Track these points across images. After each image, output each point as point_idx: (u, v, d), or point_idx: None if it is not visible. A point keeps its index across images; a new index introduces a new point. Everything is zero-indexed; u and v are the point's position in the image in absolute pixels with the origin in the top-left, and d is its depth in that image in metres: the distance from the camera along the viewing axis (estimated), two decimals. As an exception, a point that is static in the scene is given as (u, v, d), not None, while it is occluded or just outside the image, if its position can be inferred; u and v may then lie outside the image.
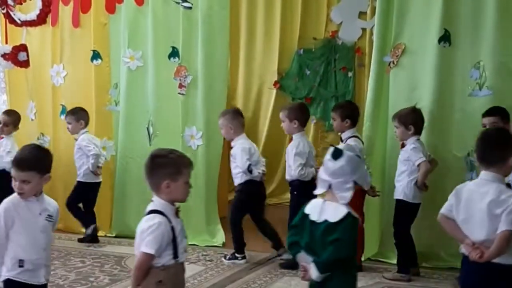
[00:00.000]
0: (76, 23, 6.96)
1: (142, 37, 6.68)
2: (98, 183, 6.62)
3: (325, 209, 3.14)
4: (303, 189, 5.31)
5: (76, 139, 6.56)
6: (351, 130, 5.59)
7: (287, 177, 5.73)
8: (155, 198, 3.20)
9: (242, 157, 5.71)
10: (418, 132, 5.26)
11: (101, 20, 6.88)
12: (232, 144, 5.87)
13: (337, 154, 3.15)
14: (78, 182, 6.58)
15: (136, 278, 3.15)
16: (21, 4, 7.24)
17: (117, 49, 6.81)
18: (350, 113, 5.61)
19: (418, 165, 5.15)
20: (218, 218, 6.63)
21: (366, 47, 8.18)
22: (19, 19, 7.21)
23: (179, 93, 6.51)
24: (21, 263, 3.34)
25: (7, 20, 7.30)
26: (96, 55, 6.87)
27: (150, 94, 6.66)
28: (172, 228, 3.13)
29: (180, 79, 6.51)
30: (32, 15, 7.13)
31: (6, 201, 3.38)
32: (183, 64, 6.50)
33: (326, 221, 3.11)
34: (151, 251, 3.08)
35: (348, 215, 3.08)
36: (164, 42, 6.59)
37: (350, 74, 8.43)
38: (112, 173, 6.78)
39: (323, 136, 8.69)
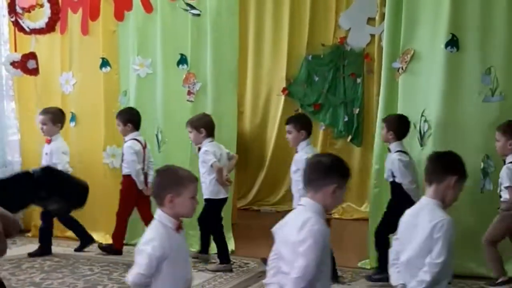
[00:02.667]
0: (85, 30, 6.97)
1: (151, 44, 6.68)
2: None
3: None
4: None
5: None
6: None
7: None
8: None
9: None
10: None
11: (110, 27, 6.90)
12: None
13: None
14: None
15: None
16: (30, 12, 7.25)
17: (126, 57, 6.83)
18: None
19: None
20: (230, 226, 6.60)
21: (375, 53, 8.15)
22: (28, 27, 7.22)
23: (188, 100, 6.50)
24: None
25: (16, 28, 7.30)
26: (105, 63, 6.89)
27: (159, 102, 6.66)
28: None
29: (189, 86, 6.51)
30: (41, 23, 7.15)
31: None
32: (191, 71, 6.50)
33: None
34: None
35: None
36: (172, 49, 6.60)
37: (358, 80, 8.39)
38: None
39: (332, 143, 8.66)
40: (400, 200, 5.26)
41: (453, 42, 5.45)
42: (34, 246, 6.62)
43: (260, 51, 8.93)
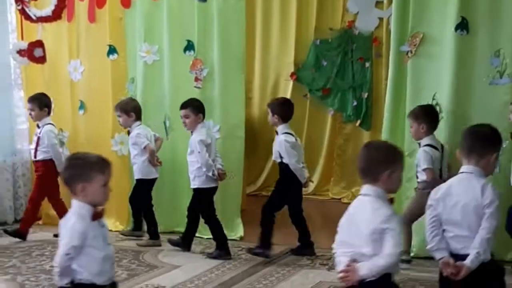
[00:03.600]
0: (91, 18, 6.95)
1: (158, 31, 6.65)
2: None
3: None
4: None
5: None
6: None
7: None
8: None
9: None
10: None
11: (117, 14, 6.87)
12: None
13: None
14: None
15: None
16: (36, 0, 7.23)
17: (133, 44, 6.80)
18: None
19: None
20: (239, 212, 6.60)
21: (384, 37, 8.09)
22: (34, 15, 7.21)
23: (195, 87, 6.48)
24: None
25: (23, 17, 7.30)
26: (112, 50, 6.87)
27: (167, 88, 6.64)
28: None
29: (196, 73, 6.48)
30: (47, 11, 7.13)
31: None
32: (198, 57, 6.47)
33: None
34: None
35: None
36: (179, 36, 6.57)
37: (367, 64, 8.34)
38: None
39: (341, 128, 8.63)
40: (287, 179, 5.69)
41: (463, 25, 5.40)
42: (45, 234, 6.66)
43: (268, 36, 8.89)
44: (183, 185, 6.57)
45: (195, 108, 5.87)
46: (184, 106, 5.90)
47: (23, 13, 7.27)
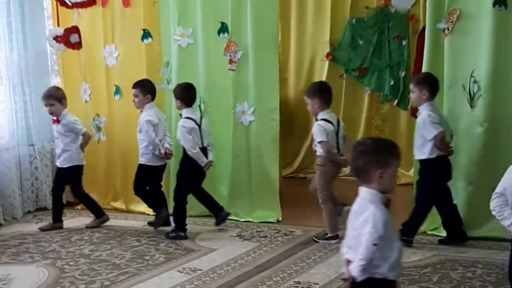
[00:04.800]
0: (126, 2, 6.95)
1: (191, 14, 6.63)
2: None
3: None
4: None
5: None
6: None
7: None
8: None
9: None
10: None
11: (151, -2, 6.87)
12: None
13: None
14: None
15: None
16: (71, -14, 7.27)
17: (167, 27, 6.79)
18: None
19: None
20: (277, 195, 6.57)
21: (420, 14, 7.94)
22: (70, 1, 7.24)
23: (229, 69, 6.45)
24: None
25: (58, 3, 7.34)
26: (146, 34, 6.87)
27: (201, 71, 6.63)
28: None
29: (230, 55, 6.45)
30: (83, -4, 7.17)
31: None
32: (232, 40, 6.44)
33: None
34: None
35: None
36: (213, 18, 6.54)
37: (404, 42, 8.18)
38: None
39: (378, 108, 8.52)
40: (189, 163, 5.90)
41: (501, 0, 5.25)
42: (84, 219, 6.74)
43: (303, 16, 8.79)
44: (219, 168, 6.55)
45: (144, 89, 6.17)
46: (134, 85, 6.23)
47: (59, -1, 7.32)
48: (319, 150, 5.58)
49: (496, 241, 5.31)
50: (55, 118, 6.58)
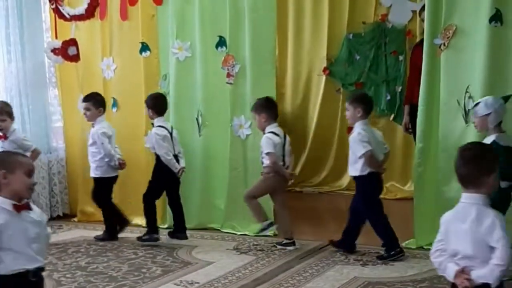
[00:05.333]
0: (124, 15, 6.99)
1: (190, 27, 6.66)
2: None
3: None
4: None
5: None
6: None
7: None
8: None
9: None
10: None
11: (149, 12, 6.89)
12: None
13: None
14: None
15: None
16: (70, -2, 7.32)
17: (165, 41, 6.82)
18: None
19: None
20: (272, 210, 6.56)
21: (417, 30, 8.00)
22: (68, 14, 7.27)
23: (227, 83, 6.48)
24: None
25: (57, 15, 7.37)
26: (144, 47, 6.90)
27: (199, 84, 6.65)
28: None
29: (228, 68, 6.48)
30: (81, 9, 7.19)
31: None
32: (230, 53, 6.46)
33: None
34: None
35: None
36: (211, 32, 6.57)
37: (401, 57, 8.23)
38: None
39: (374, 122, 8.53)
40: (162, 171, 6.15)
41: (497, 17, 5.30)
42: (80, 231, 6.73)
43: (300, 31, 8.84)
44: (216, 181, 6.59)
45: (96, 102, 6.38)
46: (86, 99, 6.46)
47: (57, 12, 7.35)
48: (265, 162, 5.84)
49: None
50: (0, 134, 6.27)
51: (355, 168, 5.50)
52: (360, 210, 5.60)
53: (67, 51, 7.24)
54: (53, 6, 7.35)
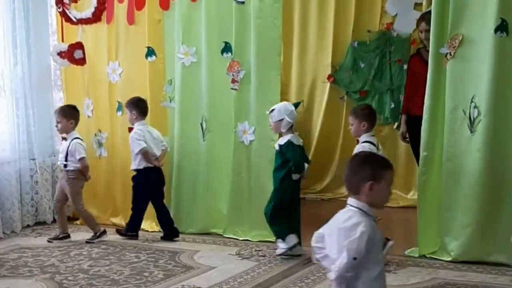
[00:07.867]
0: (130, 20, 7.02)
1: (196, 33, 6.69)
2: None
3: None
4: None
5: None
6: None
7: None
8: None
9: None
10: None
11: (155, 16, 6.92)
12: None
13: None
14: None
15: None
16: (77, 2, 7.34)
17: (171, 46, 6.84)
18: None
19: None
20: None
21: (417, 38, 8.00)
22: (75, 17, 7.31)
23: (232, 88, 6.50)
24: None
25: (63, 19, 7.41)
26: (150, 52, 6.92)
27: (204, 90, 6.66)
28: None
29: (233, 74, 6.49)
30: (87, 13, 7.23)
31: None
32: (235, 59, 6.48)
33: None
34: None
35: None
36: (217, 38, 6.59)
37: (405, 66, 8.20)
38: (167, 169, 6.81)
39: (378, 130, 8.53)
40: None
41: (503, 27, 5.31)
42: (82, 234, 6.73)
43: (305, 38, 8.86)
44: (219, 186, 6.61)
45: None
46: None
47: (64, 15, 7.38)
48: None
49: (495, 265, 5.33)
50: None
51: None
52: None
53: (73, 54, 7.28)
54: (60, 10, 7.38)
